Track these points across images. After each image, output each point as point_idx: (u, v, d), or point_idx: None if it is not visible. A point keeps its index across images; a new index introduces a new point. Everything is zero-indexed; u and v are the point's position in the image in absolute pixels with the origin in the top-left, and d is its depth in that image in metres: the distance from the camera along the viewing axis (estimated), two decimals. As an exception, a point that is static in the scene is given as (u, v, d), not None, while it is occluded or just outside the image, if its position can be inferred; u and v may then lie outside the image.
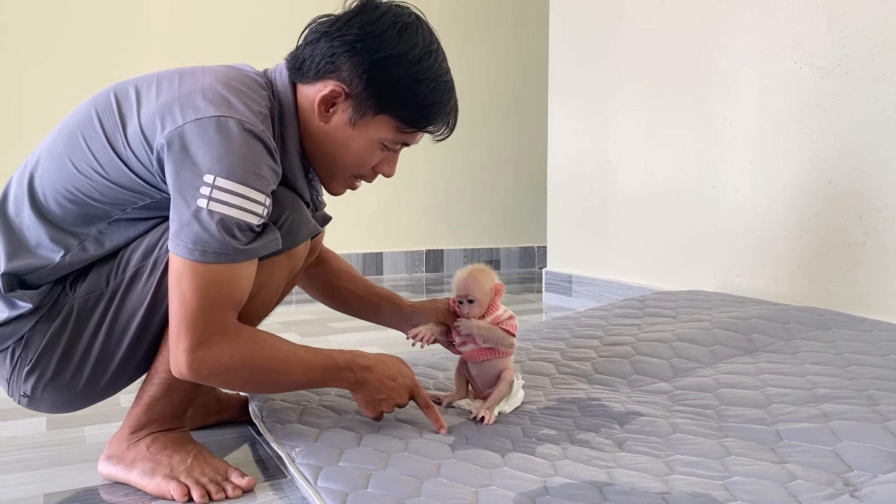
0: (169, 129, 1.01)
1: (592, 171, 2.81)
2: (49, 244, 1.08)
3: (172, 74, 1.10)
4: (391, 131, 1.16)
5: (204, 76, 1.08)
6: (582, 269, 2.89)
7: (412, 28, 1.14)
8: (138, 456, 1.12)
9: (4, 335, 1.09)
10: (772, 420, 1.22)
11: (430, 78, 1.14)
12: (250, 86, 1.11)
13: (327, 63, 1.12)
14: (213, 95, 1.05)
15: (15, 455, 1.26)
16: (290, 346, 1.12)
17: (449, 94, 1.18)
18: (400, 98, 1.13)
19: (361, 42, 1.11)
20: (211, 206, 0.99)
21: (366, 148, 1.17)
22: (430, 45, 1.15)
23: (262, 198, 1.03)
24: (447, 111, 1.19)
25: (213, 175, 1.00)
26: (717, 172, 2.26)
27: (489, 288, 1.35)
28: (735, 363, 1.52)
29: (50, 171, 1.08)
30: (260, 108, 1.09)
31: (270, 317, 2.59)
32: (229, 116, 1.02)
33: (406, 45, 1.12)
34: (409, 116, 1.15)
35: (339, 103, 1.13)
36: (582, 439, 1.19)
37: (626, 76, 2.62)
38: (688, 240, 2.37)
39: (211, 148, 1.00)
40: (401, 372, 1.22)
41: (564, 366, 1.60)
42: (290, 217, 1.14)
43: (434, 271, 4.06)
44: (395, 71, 1.12)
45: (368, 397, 1.19)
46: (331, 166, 1.20)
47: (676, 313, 1.85)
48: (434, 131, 1.21)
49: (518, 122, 4.20)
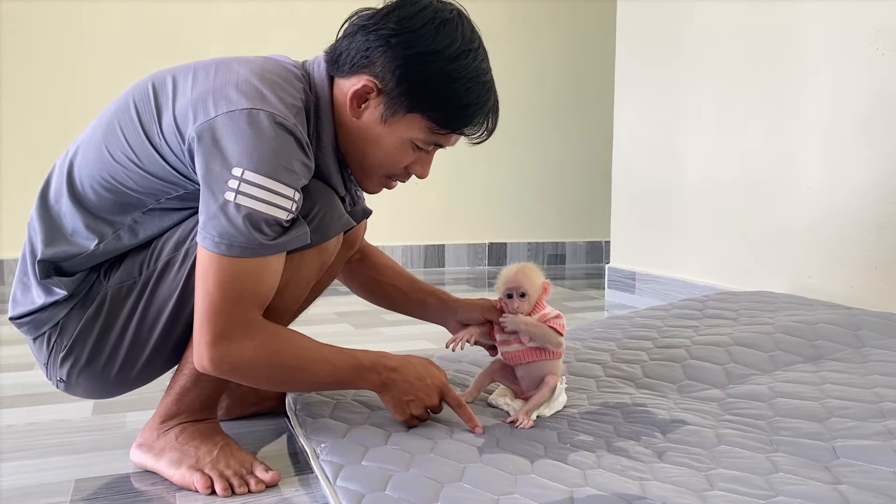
0: (201, 120, 1.01)
1: (659, 165, 2.70)
2: (84, 232, 1.09)
3: (209, 65, 1.09)
4: (423, 131, 1.12)
5: (240, 68, 1.07)
6: (646, 266, 2.79)
7: (451, 24, 1.09)
8: (167, 445, 1.13)
9: (41, 321, 1.11)
10: (829, 435, 1.13)
11: (466, 77, 1.09)
12: (286, 78, 1.09)
13: (362, 57, 1.09)
14: (247, 87, 1.03)
15: (58, 438, 1.29)
16: (315, 344, 1.10)
17: (486, 94, 1.13)
18: (433, 97, 1.10)
19: (396, 37, 1.07)
20: (238, 200, 0.98)
21: (396, 147, 1.14)
22: (470, 44, 1.11)
23: (290, 192, 1.02)
24: (483, 113, 1.14)
25: (241, 168, 0.99)
26: (789, 167, 2.13)
27: (539, 283, 1.30)
28: (795, 371, 1.42)
29: (88, 159, 1.09)
30: (294, 100, 1.07)
31: (324, 307, 2.62)
32: (261, 109, 1.01)
33: (443, 41, 1.08)
34: (442, 117, 1.11)
35: (371, 99, 1.11)
36: (620, 447, 1.13)
37: (695, 67, 2.50)
38: (757, 238, 2.25)
39: (241, 141, 0.99)
40: (429, 372, 1.18)
41: (612, 368, 1.53)
42: (321, 211, 1.12)
43: (497, 265, 4.01)
44: (429, 68, 1.08)
45: (396, 399, 1.16)
46: (363, 164, 1.17)
47: (738, 315, 1.76)
48: (469, 134, 1.16)
49: (587, 111, 4.09)
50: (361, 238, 1.43)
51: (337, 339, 2.12)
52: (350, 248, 1.37)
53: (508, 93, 3.91)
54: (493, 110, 1.17)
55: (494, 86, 1.16)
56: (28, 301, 1.11)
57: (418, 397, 1.16)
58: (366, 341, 2.13)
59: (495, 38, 3.87)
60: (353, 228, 1.35)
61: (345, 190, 1.22)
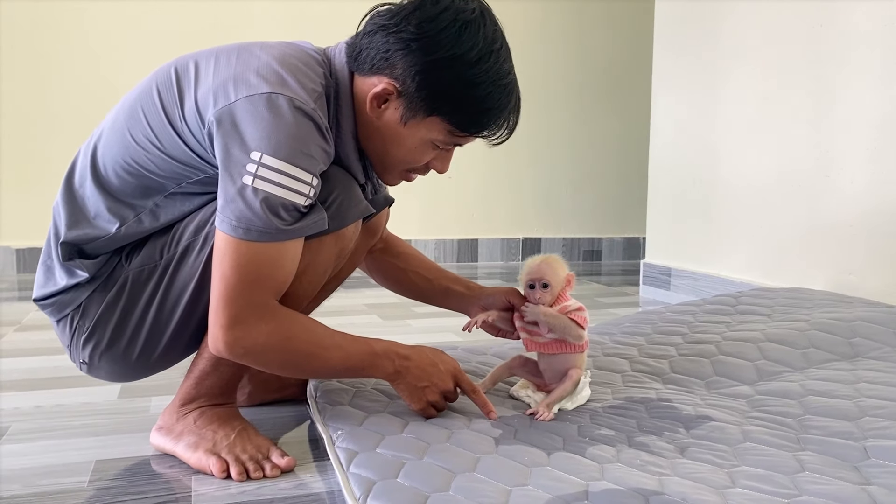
0: (221, 104, 1.01)
1: (696, 160, 2.65)
2: (106, 215, 1.10)
3: (231, 50, 1.09)
4: (443, 133, 1.12)
5: (261, 52, 1.07)
6: (682, 262, 2.73)
7: (473, 26, 1.07)
8: (185, 429, 1.13)
9: (64, 302, 1.12)
10: (861, 435, 1.09)
11: (487, 81, 1.08)
12: (307, 62, 1.09)
13: (382, 59, 1.08)
14: (267, 72, 1.03)
15: (81, 420, 1.31)
16: (329, 331, 1.10)
17: (507, 98, 1.11)
18: (453, 101, 1.08)
19: (416, 41, 1.06)
20: (256, 184, 0.98)
21: (416, 147, 1.14)
22: (492, 45, 1.08)
23: (308, 177, 1.01)
24: (504, 116, 1.13)
25: (260, 152, 0.98)
26: (831, 160, 2.06)
27: (562, 276, 1.28)
28: (829, 369, 1.37)
29: (111, 142, 1.10)
30: (315, 85, 1.06)
31: (354, 298, 2.63)
32: (280, 93, 1.01)
33: (464, 45, 1.06)
34: (462, 121, 1.10)
35: (391, 100, 1.10)
36: (641, 442, 1.10)
37: (735, 59, 2.44)
38: (797, 233, 2.19)
39: (260, 125, 0.99)
40: (440, 358, 1.18)
41: (640, 363, 1.50)
42: (338, 197, 1.11)
43: (531, 260, 3.98)
44: (450, 74, 1.06)
45: (410, 386, 1.15)
46: (383, 159, 1.17)
47: (772, 312, 1.71)
48: (488, 136, 1.15)
49: (625, 105, 4.03)
50: (384, 226, 1.42)
51: (364, 331, 2.12)
52: (372, 237, 1.37)
53: (545, 88, 3.91)
54: (514, 112, 1.15)
55: (516, 86, 1.14)
56: (51, 283, 1.12)
57: (432, 383, 1.15)
58: (393, 332, 2.12)
59: (532, 34, 3.87)
60: (376, 217, 1.34)
61: (365, 178, 1.21)
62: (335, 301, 2.61)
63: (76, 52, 3.17)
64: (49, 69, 3.14)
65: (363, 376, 1.15)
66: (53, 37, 3.13)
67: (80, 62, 3.17)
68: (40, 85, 3.14)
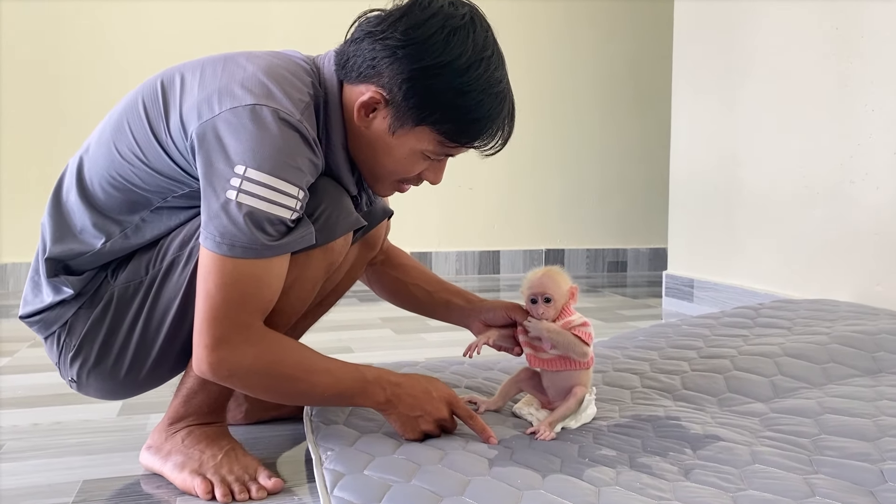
0: (205, 118, 0.99)
1: (717, 169, 2.58)
2: (92, 230, 1.09)
3: (217, 61, 1.07)
4: (433, 143, 1.08)
5: (248, 63, 1.05)
6: (705, 274, 2.66)
7: (462, 32, 1.03)
8: (173, 448, 1.11)
9: (50, 319, 1.11)
10: (878, 456, 1.02)
11: (477, 90, 1.04)
12: (295, 72, 1.06)
13: (369, 67, 1.05)
14: (253, 83, 1.01)
15: (78, 438, 1.30)
16: (318, 356, 1.06)
17: (499, 106, 1.07)
18: (442, 111, 1.04)
19: (403, 48, 1.02)
20: (240, 199, 0.96)
21: (406, 157, 1.10)
22: (482, 52, 1.04)
23: (295, 190, 0.99)
24: (496, 125, 1.09)
25: (244, 166, 0.96)
26: (855, 166, 1.98)
27: (565, 289, 1.23)
28: (850, 385, 1.30)
29: (97, 156, 1.09)
30: (302, 95, 1.04)
31: (368, 312, 2.60)
32: (265, 105, 0.98)
33: (452, 52, 1.02)
34: (453, 130, 1.06)
35: (379, 109, 1.07)
36: (643, 463, 1.05)
37: (755, 63, 2.37)
38: (821, 242, 2.11)
39: (243, 138, 0.97)
40: (434, 386, 1.13)
41: (651, 379, 1.44)
42: (327, 209, 1.08)
43: (554, 272, 3.92)
44: (438, 82, 1.03)
45: (403, 416, 1.10)
46: (373, 169, 1.14)
47: (793, 324, 1.63)
48: (480, 146, 1.11)
49: (650, 114, 3.96)
50: (384, 238, 1.39)
51: (378, 345, 2.11)
52: (371, 249, 1.34)
53: (567, 96, 3.86)
54: (507, 121, 1.11)
55: (509, 94, 1.10)
56: (38, 300, 1.11)
57: (426, 411, 1.11)
58: (406, 347, 2.09)
59: (556, 40, 3.83)
60: (375, 229, 1.31)
61: (358, 189, 1.18)
62: (349, 314, 2.59)
63: (85, 54, 3.20)
64: (56, 69, 3.18)
65: (353, 404, 1.11)
66: (59, 39, 3.18)
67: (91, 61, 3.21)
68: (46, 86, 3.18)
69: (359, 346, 2.09)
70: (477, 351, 1.22)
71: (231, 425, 1.35)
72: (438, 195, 3.69)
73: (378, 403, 1.09)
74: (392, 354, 1.97)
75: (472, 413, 1.14)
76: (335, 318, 2.52)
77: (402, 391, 1.09)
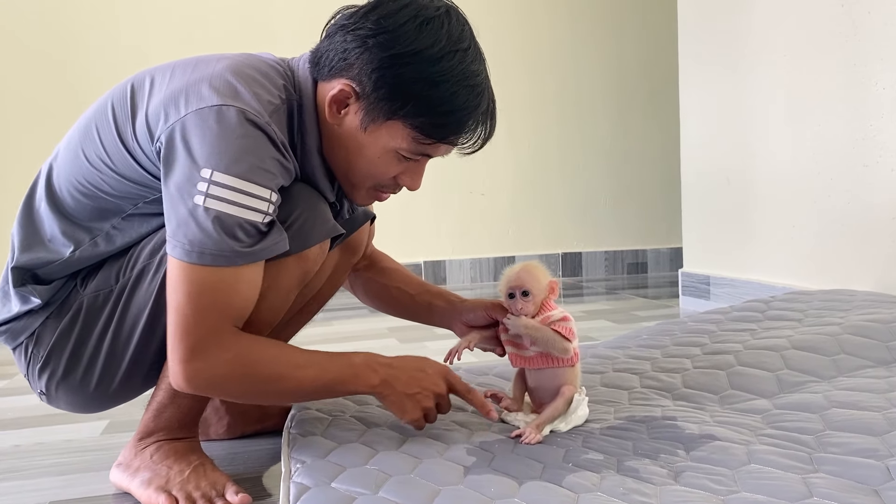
0: (172, 119, 0.96)
1: (728, 159, 2.49)
2: (61, 238, 1.06)
3: (189, 62, 1.04)
4: (406, 140, 1.03)
5: (218, 64, 1.02)
6: (721, 270, 2.57)
7: (436, 23, 0.99)
8: (142, 464, 1.07)
9: (17, 330, 1.08)
10: (886, 452, 0.94)
11: (451, 80, 0.99)
12: (265, 73, 1.03)
13: (340, 60, 1.01)
14: (220, 83, 0.98)
15: (55, 459, 1.27)
16: (299, 350, 1.02)
17: (475, 99, 1.02)
18: (413, 102, 1.00)
19: (374, 37, 0.99)
20: (208, 203, 0.92)
21: (380, 157, 1.05)
22: (458, 43, 1.00)
23: (266, 193, 0.95)
24: (472, 119, 1.03)
25: (210, 169, 0.92)
26: (868, 148, 1.89)
27: (544, 283, 1.17)
28: (861, 377, 1.22)
29: (66, 162, 1.06)
30: (271, 97, 1.00)
31: (374, 322, 2.55)
32: (231, 105, 0.95)
33: (424, 41, 0.98)
34: (426, 125, 1.01)
35: (351, 104, 1.02)
36: (631, 467, 0.98)
37: (761, 46, 2.29)
38: (838, 230, 2.01)
39: (208, 140, 0.93)
40: (427, 363, 1.09)
41: (651, 378, 1.37)
42: (301, 216, 1.04)
43: (572, 275, 3.84)
44: (408, 70, 0.98)
45: (401, 395, 1.05)
46: (347, 173, 1.09)
47: (804, 316, 1.55)
48: (457, 142, 1.06)
49: (666, 111, 3.86)
50: (367, 244, 1.34)
51: (380, 353, 2.05)
52: (353, 255, 1.29)
53: (580, 95, 3.79)
54: (486, 116, 1.05)
55: (488, 89, 1.05)
56: (6, 309, 1.08)
57: (424, 387, 1.06)
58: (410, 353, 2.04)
59: (569, 40, 3.76)
60: (357, 234, 1.27)
61: (335, 195, 1.13)
62: (358, 325, 2.55)
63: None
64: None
65: (346, 393, 1.06)
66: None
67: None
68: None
69: (360, 356, 2.04)
70: (458, 356, 1.17)
71: (213, 440, 1.31)
72: (451, 202, 3.65)
73: (373, 387, 1.04)
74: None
75: (470, 387, 1.11)
76: (341, 330, 2.48)
77: (396, 371, 1.05)
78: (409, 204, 3.58)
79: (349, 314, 2.82)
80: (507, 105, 3.67)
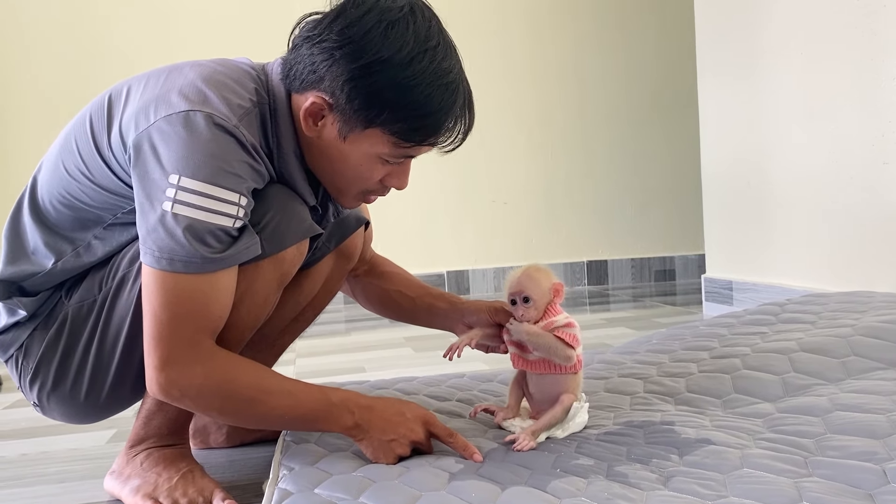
0: (142, 128, 0.97)
1: (748, 162, 2.44)
2: (43, 250, 1.07)
3: (162, 71, 1.05)
4: (387, 146, 1.02)
5: (190, 71, 1.02)
6: (742, 274, 2.51)
7: (401, 25, 0.98)
8: (133, 472, 1.08)
9: (6, 342, 1.09)
10: (885, 455, 0.90)
11: (423, 83, 0.98)
12: (237, 78, 1.03)
13: (310, 73, 1.01)
14: (190, 90, 0.98)
15: (59, 467, 1.28)
16: (277, 376, 1.01)
17: (450, 98, 1.01)
18: (390, 109, 0.99)
19: (340, 49, 0.98)
20: (176, 210, 0.92)
21: (363, 163, 1.04)
22: (426, 43, 0.98)
23: (235, 197, 0.95)
24: (450, 118, 1.02)
25: (177, 175, 0.93)
26: (888, 145, 1.83)
27: (546, 287, 1.14)
28: (870, 379, 1.17)
29: (48, 174, 1.08)
30: (241, 101, 1.00)
31: (392, 332, 2.54)
32: (199, 110, 0.95)
33: (392, 47, 0.97)
34: (404, 129, 1.00)
35: (326, 115, 1.02)
36: (620, 472, 0.96)
37: (779, 46, 2.24)
38: (858, 230, 1.95)
39: (175, 146, 0.94)
40: (407, 407, 1.05)
41: (655, 383, 1.34)
42: (274, 218, 1.03)
43: (597, 283, 3.79)
44: (379, 79, 0.97)
45: (375, 441, 1.02)
46: (333, 180, 1.09)
47: (818, 318, 1.50)
48: (437, 143, 1.05)
49: (686, 114, 3.80)
50: (363, 248, 1.34)
51: (395, 363, 2.06)
52: (348, 260, 1.29)
53: (601, 101, 3.75)
54: (464, 110, 1.04)
55: (462, 83, 1.03)
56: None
57: (400, 434, 1.02)
58: (422, 363, 2.04)
59: (590, 45, 3.74)
60: (351, 239, 1.27)
61: (316, 198, 1.13)
62: (375, 335, 2.55)
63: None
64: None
65: (318, 429, 1.05)
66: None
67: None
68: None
69: (372, 365, 2.05)
70: (458, 353, 1.14)
71: (213, 448, 1.32)
72: (473, 212, 3.64)
73: (346, 428, 1.02)
74: (403, 372, 1.91)
75: (451, 431, 1.05)
76: (358, 340, 2.48)
77: (373, 415, 1.02)
78: (431, 214, 3.58)
79: (369, 324, 2.82)
80: (527, 112, 3.67)
